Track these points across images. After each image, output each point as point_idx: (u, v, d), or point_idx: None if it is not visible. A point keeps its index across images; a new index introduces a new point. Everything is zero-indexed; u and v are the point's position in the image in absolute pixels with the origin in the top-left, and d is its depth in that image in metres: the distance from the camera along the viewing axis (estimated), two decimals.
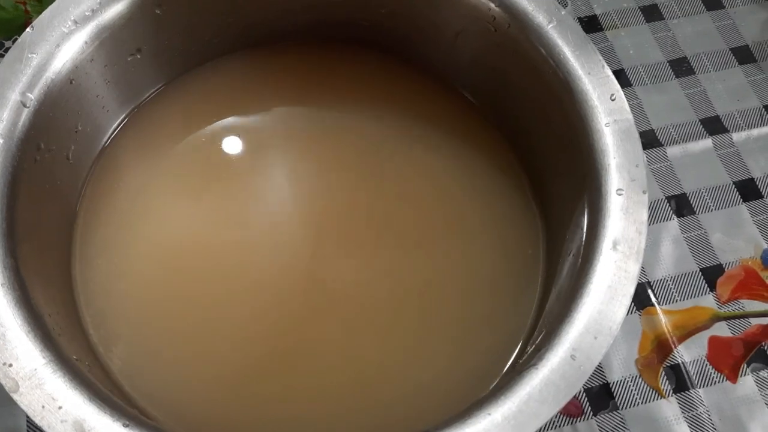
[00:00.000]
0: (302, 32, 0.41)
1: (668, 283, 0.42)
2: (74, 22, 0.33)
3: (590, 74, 0.32)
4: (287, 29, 0.41)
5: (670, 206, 0.44)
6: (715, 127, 0.47)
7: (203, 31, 0.39)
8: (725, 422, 0.39)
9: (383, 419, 0.33)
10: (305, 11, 0.40)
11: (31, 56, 0.31)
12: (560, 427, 0.38)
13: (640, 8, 0.51)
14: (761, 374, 0.40)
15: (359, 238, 0.38)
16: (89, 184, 0.38)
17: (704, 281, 0.42)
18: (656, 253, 0.43)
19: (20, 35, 0.32)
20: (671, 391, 0.39)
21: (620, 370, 0.39)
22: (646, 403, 0.39)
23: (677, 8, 0.51)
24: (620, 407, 0.39)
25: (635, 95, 0.48)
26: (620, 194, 0.30)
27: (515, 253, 0.37)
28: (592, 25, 0.50)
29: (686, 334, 0.41)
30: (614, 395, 0.39)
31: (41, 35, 0.32)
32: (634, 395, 0.39)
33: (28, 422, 0.35)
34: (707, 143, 0.46)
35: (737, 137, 0.46)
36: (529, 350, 0.29)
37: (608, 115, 0.31)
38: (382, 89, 0.42)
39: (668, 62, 0.49)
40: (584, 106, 0.32)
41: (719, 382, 0.40)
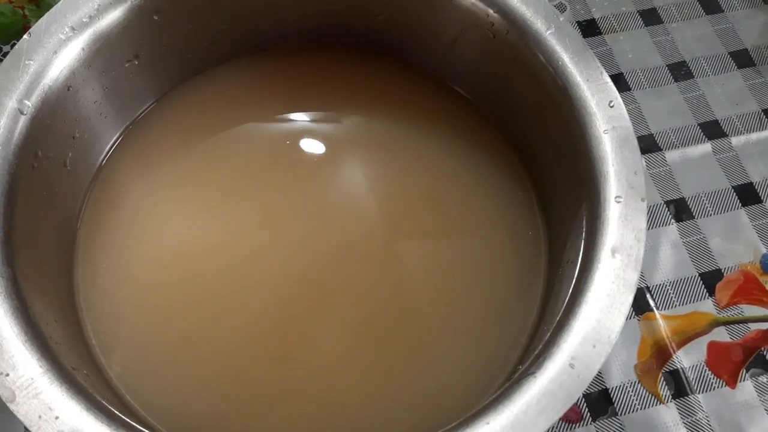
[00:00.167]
0: (301, 37, 0.41)
1: (667, 288, 0.42)
2: (71, 28, 0.33)
3: (589, 81, 0.32)
4: (285, 35, 0.41)
5: (669, 211, 0.44)
6: (714, 131, 0.47)
7: (201, 37, 0.39)
8: (724, 428, 0.39)
9: (382, 428, 0.33)
10: (303, 18, 0.40)
11: (28, 63, 0.31)
12: None
13: (638, 12, 0.51)
14: (760, 379, 0.40)
15: (360, 242, 0.38)
16: (92, 192, 0.38)
17: (703, 286, 0.42)
18: (655, 258, 0.43)
19: (18, 40, 0.32)
20: (670, 396, 0.39)
21: (619, 375, 0.39)
22: (645, 408, 0.39)
23: (676, 12, 0.51)
24: (619, 413, 0.39)
25: (634, 99, 0.47)
26: (619, 201, 0.30)
27: (517, 259, 0.37)
28: (590, 29, 0.50)
29: (685, 339, 0.41)
30: (613, 401, 0.39)
31: (38, 42, 0.32)
32: (633, 401, 0.39)
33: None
34: (706, 148, 0.46)
35: (736, 141, 0.46)
36: (527, 358, 0.29)
37: (607, 122, 0.31)
38: (382, 92, 0.42)
39: (667, 66, 0.49)
40: (583, 112, 0.32)
41: (718, 387, 0.39)
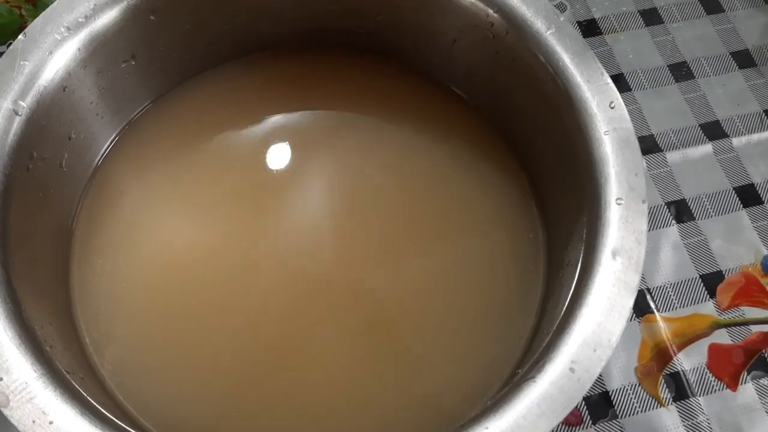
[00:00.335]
0: (299, 39, 0.41)
1: (668, 290, 0.42)
2: (67, 28, 0.32)
3: (589, 82, 0.32)
4: (284, 36, 0.41)
5: (669, 212, 0.44)
6: (715, 132, 0.46)
7: (199, 38, 0.39)
8: (725, 431, 0.38)
9: (380, 431, 0.33)
10: (302, 19, 0.40)
11: (23, 63, 0.31)
12: None
13: (639, 12, 0.50)
14: (762, 382, 0.39)
15: (359, 244, 0.38)
16: (87, 195, 0.37)
17: (704, 288, 0.42)
18: (656, 259, 0.42)
19: (15, 40, 0.32)
20: (671, 399, 0.39)
21: (619, 378, 0.39)
22: (645, 411, 0.39)
23: (677, 12, 0.50)
24: (619, 416, 0.38)
25: (634, 100, 0.47)
26: (620, 203, 0.30)
27: (516, 261, 0.37)
28: (590, 29, 0.50)
29: (686, 341, 0.40)
30: (613, 403, 0.39)
31: (33, 42, 0.32)
32: (633, 404, 0.39)
33: None
34: (707, 148, 0.46)
35: (737, 142, 0.46)
36: (527, 362, 0.29)
37: (607, 123, 0.31)
38: (381, 94, 0.42)
39: (668, 66, 0.49)
40: (583, 114, 0.32)
41: (719, 390, 0.39)
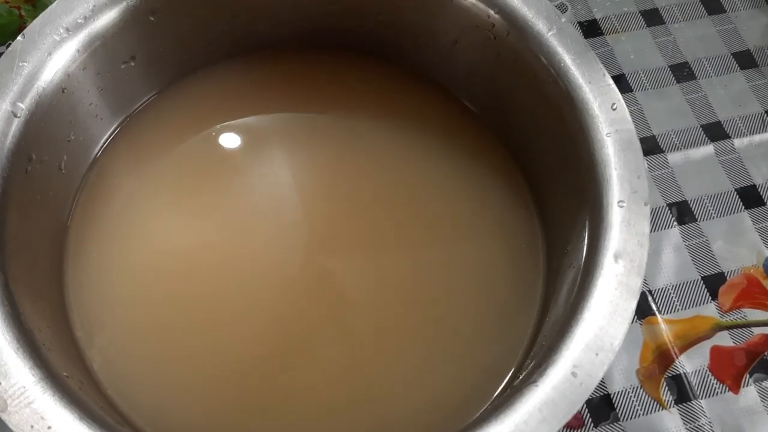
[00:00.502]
0: (298, 40, 0.41)
1: (669, 291, 0.41)
2: (66, 29, 0.32)
3: (591, 83, 0.32)
4: (283, 37, 0.41)
5: (671, 213, 0.44)
6: (716, 133, 0.46)
7: (198, 38, 0.38)
8: None
9: None
10: (301, 20, 0.39)
11: (22, 65, 0.31)
12: None
13: (640, 12, 0.50)
14: (764, 384, 0.39)
15: (357, 245, 0.37)
16: (83, 191, 0.37)
17: (706, 290, 0.42)
18: (657, 261, 0.42)
19: (14, 40, 0.31)
20: (673, 402, 0.39)
21: (621, 380, 0.39)
22: (647, 414, 0.38)
23: (678, 12, 0.50)
24: (621, 419, 0.38)
25: (636, 101, 0.47)
26: (621, 206, 0.29)
27: (515, 264, 0.36)
28: (592, 29, 0.49)
29: (688, 343, 0.40)
30: (615, 406, 0.38)
31: (32, 43, 0.31)
32: (635, 406, 0.38)
33: None
34: (709, 149, 0.46)
35: (739, 143, 0.46)
36: (528, 365, 0.29)
37: (609, 124, 0.31)
38: (379, 96, 0.41)
39: (669, 67, 0.48)
40: (585, 115, 0.31)
41: (721, 392, 0.39)
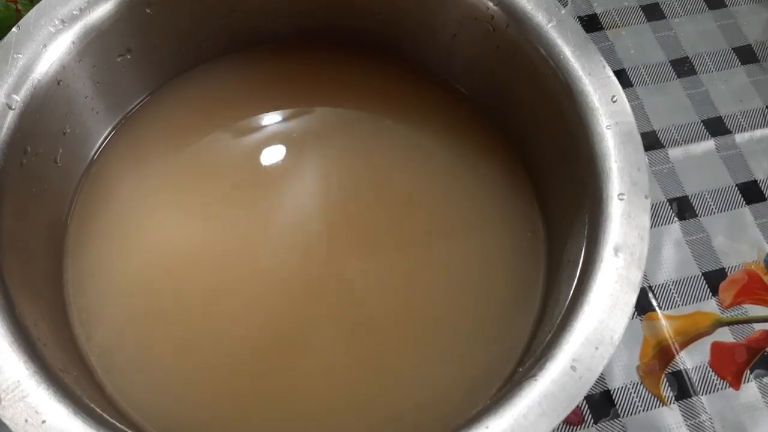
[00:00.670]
0: (296, 35, 0.41)
1: (670, 287, 0.41)
2: (61, 21, 0.32)
3: (591, 75, 0.32)
4: (281, 32, 0.40)
5: (671, 209, 0.43)
6: (717, 128, 0.46)
7: (195, 32, 0.38)
8: (728, 430, 0.38)
9: (379, 431, 0.32)
10: (299, 15, 0.39)
11: (16, 57, 0.31)
12: None
13: (641, 7, 0.50)
14: (765, 381, 0.39)
15: (355, 243, 0.37)
16: (82, 190, 0.37)
17: (706, 286, 0.41)
18: (658, 257, 0.42)
19: None
20: (673, 398, 0.38)
21: (621, 376, 0.39)
22: (647, 410, 0.38)
23: (679, 7, 0.50)
24: (621, 415, 0.38)
25: (636, 96, 0.47)
26: (622, 199, 0.29)
27: (516, 258, 0.36)
28: (592, 24, 0.49)
29: (688, 339, 0.40)
30: (615, 402, 0.38)
31: (27, 35, 0.31)
32: (635, 402, 0.38)
33: None
34: (709, 144, 0.45)
35: (740, 138, 0.46)
36: (528, 360, 0.28)
37: (609, 117, 0.31)
38: (380, 91, 0.41)
39: (670, 62, 0.48)
40: (584, 107, 0.31)
41: (722, 388, 0.39)
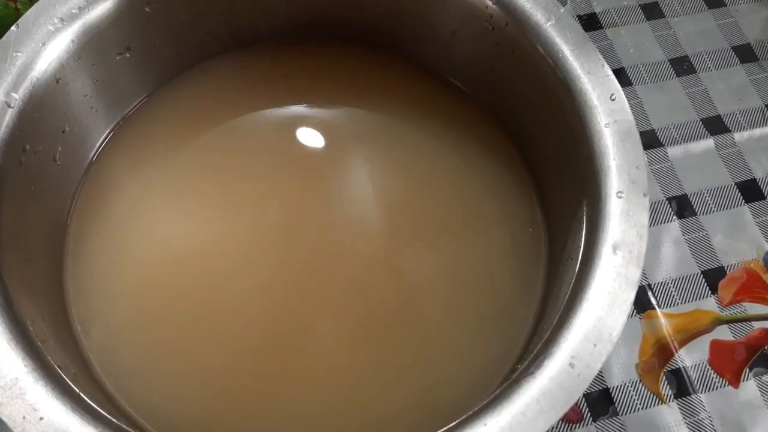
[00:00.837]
0: (296, 32, 0.41)
1: (669, 285, 0.41)
2: (60, 19, 0.32)
3: (590, 73, 0.32)
4: (281, 29, 0.40)
5: (671, 207, 0.43)
6: (716, 126, 0.46)
7: (195, 30, 0.38)
8: (727, 428, 0.38)
9: (378, 427, 0.32)
10: (299, 11, 0.39)
11: (15, 55, 0.31)
12: None
13: (640, 6, 0.50)
14: (764, 379, 0.39)
15: (356, 240, 0.37)
16: (82, 190, 0.37)
17: (706, 284, 0.41)
18: (657, 255, 0.42)
19: None
20: (672, 396, 0.38)
21: (620, 374, 0.39)
22: (646, 408, 0.38)
23: (678, 6, 0.50)
24: (620, 413, 0.38)
25: (635, 94, 0.47)
26: (620, 197, 0.29)
27: (516, 255, 0.36)
28: (591, 23, 0.49)
29: (687, 337, 0.40)
30: (614, 400, 0.38)
31: (26, 33, 0.31)
32: (634, 401, 0.38)
33: None
34: (709, 143, 0.45)
35: (739, 137, 0.46)
36: (527, 357, 0.28)
37: (608, 115, 0.31)
38: (379, 88, 0.41)
39: (669, 61, 0.48)
40: (583, 106, 0.31)
41: (721, 387, 0.39)
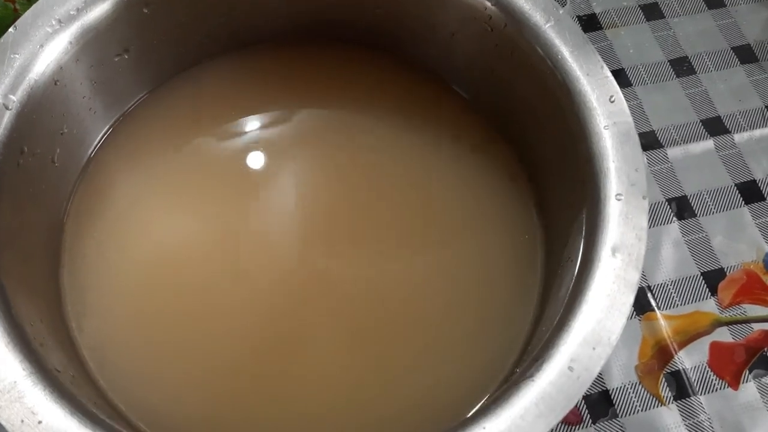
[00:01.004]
0: (296, 33, 0.41)
1: (669, 287, 0.41)
2: (58, 21, 0.32)
3: (589, 75, 0.31)
4: (281, 30, 0.40)
5: (670, 209, 0.43)
6: (716, 127, 0.46)
7: (194, 31, 0.38)
8: (727, 430, 0.38)
9: (379, 429, 0.32)
10: (299, 13, 0.39)
11: (13, 57, 0.31)
12: None
13: (640, 6, 0.50)
14: (764, 381, 0.39)
15: (356, 243, 0.37)
16: (79, 188, 0.37)
17: (705, 285, 0.41)
18: (657, 256, 0.42)
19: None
20: (672, 398, 0.38)
21: (620, 376, 0.39)
22: (646, 410, 0.38)
23: (678, 7, 0.50)
24: (620, 415, 0.38)
25: (635, 95, 0.47)
26: (619, 199, 0.29)
27: (513, 258, 0.36)
28: (591, 23, 0.49)
29: (687, 339, 0.40)
30: (614, 402, 0.38)
31: (24, 35, 0.31)
32: (633, 402, 0.38)
33: None
34: (708, 144, 0.45)
35: (739, 138, 0.46)
36: (526, 360, 0.28)
37: (607, 117, 0.31)
38: (378, 89, 0.41)
39: (669, 62, 0.48)
40: (582, 108, 0.31)
41: (721, 388, 0.39)
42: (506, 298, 0.35)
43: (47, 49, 0.31)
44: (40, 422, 0.24)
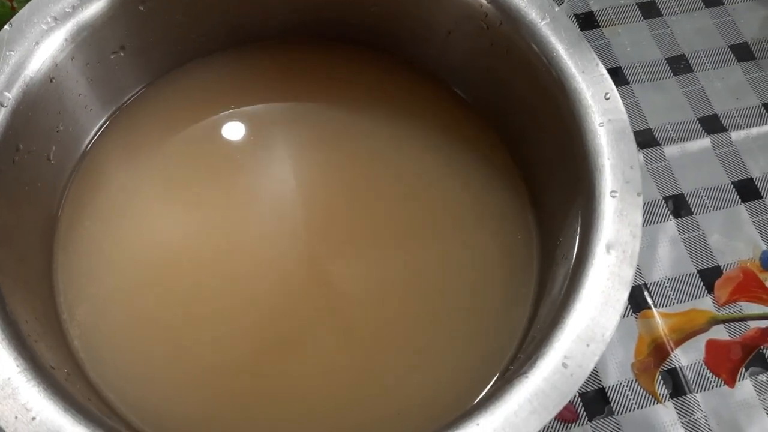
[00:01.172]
0: (293, 31, 0.41)
1: (665, 285, 0.41)
2: (54, 18, 0.32)
3: (584, 73, 0.31)
4: (277, 28, 0.40)
5: (667, 207, 0.43)
6: (713, 126, 0.46)
7: (190, 28, 0.38)
8: (723, 427, 0.38)
9: (373, 428, 0.32)
10: (296, 11, 0.39)
11: (8, 54, 0.31)
12: None
13: (637, 5, 0.50)
14: (760, 378, 0.39)
15: (350, 239, 0.37)
16: (72, 184, 0.37)
17: (702, 283, 0.41)
18: (653, 254, 0.42)
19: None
20: (668, 395, 0.38)
21: (616, 374, 0.39)
22: (642, 408, 0.38)
23: (675, 5, 0.50)
24: (616, 412, 0.38)
25: (632, 93, 0.47)
26: (614, 196, 0.29)
27: (509, 256, 0.36)
28: (588, 22, 0.49)
29: (683, 337, 0.40)
30: (610, 400, 0.38)
31: (19, 32, 0.31)
32: (630, 400, 0.38)
33: None
34: (705, 142, 0.45)
35: (736, 136, 0.46)
36: (520, 357, 0.28)
37: (602, 114, 0.31)
38: (374, 88, 0.41)
39: (666, 60, 0.48)
40: (578, 105, 0.31)
41: (717, 386, 0.39)
42: (501, 295, 0.35)
43: (43, 46, 0.31)
44: (33, 418, 0.24)
